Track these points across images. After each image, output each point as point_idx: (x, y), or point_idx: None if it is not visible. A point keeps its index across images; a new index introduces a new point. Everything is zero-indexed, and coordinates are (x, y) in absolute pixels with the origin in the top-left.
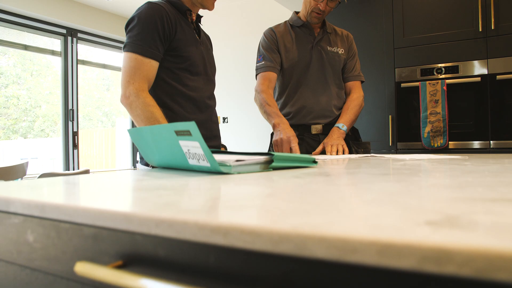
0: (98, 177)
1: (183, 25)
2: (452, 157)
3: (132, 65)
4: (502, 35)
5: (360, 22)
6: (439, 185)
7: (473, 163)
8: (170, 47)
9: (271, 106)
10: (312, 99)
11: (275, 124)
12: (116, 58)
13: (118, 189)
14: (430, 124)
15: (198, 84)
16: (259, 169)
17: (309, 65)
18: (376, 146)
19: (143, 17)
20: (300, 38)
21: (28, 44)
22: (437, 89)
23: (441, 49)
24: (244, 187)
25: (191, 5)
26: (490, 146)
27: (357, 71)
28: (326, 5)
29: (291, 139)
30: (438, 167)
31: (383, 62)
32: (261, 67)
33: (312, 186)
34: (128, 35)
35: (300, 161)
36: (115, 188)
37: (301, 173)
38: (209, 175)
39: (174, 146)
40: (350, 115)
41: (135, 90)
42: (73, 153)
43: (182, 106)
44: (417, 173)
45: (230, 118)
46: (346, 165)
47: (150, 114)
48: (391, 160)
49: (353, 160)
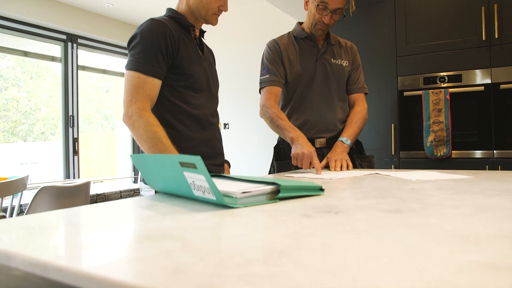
0: (99, 212)
1: (186, 41)
2: (459, 177)
3: (134, 84)
4: (505, 44)
5: (363, 29)
6: (459, 236)
7: (488, 189)
8: (173, 65)
9: (283, 120)
10: (316, 113)
11: (293, 137)
12: (116, 63)
13: (122, 237)
14: (433, 133)
15: (202, 102)
16: (265, 199)
17: (313, 78)
18: (378, 155)
19: (146, 34)
20: (304, 50)
21: (28, 51)
22: (440, 98)
23: (444, 57)
24: (253, 236)
25: (194, 20)
26: (494, 155)
27: (361, 83)
28: (331, 18)
29: (313, 154)
30: (451, 198)
31: (385, 70)
32: (265, 81)
33: (324, 235)
34: (131, 53)
35: (307, 189)
36: (119, 234)
37: (310, 208)
38: (214, 209)
39: (178, 176)
40: (353, 128)
41: (138, 110)
42: (73, 160)
43: (185, 124)
44: (430, 208)
45: (231, 124)
46: (353, 192)
47: (153, 134)
48: (397, 182)
49: (359, 182)
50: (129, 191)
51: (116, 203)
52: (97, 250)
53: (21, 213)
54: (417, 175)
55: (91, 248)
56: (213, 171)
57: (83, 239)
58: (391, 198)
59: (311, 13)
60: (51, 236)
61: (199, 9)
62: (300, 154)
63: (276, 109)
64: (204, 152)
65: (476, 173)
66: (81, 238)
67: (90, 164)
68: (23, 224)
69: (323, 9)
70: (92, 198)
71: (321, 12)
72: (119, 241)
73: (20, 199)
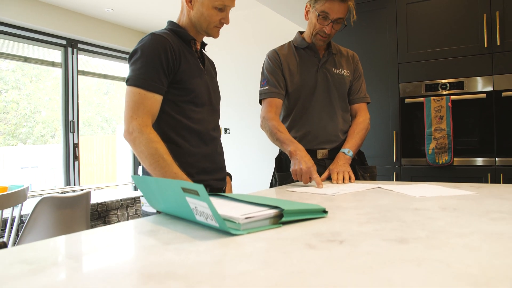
0: (99, 241)
1: (187, 55)
2: (462, 193)
3: (135, 100)
4: (507, 51)
5: (364, 36)
6: (467, 276)
7: (493, 209)
8: (174, 80)
9: (283, 133)
10: (318, 123)
11: (291, 151)
12: (116, 67)
13: (123, 274)
14: (435, 141)
15: (203, 116)
16: (269, 224)
17: (315, 89)
18: (380, 162)
19: (147, 49)
20: (305, 60)
21: (28, 56)
22: (442, 105)
23: (445, 64)
24: (258, 275)
25: (196, 33)
26: (496, 163)
27: (363, 92)
28: (332, 28)
29: (311, 169)
30: (456, 222)
31: (387, 77)
32: (265, 93)
33: (329, 274)
34: (131, 68)
35: (310, 213)
36: (120, 271)
37: (313, 236)
38: (217, 237)
39: (180, 200)
40: (356, 139)
41: (139, 126)
42: (73, 165)
43: (186, 139)
44: (435, 237)
45: (232, 129)
46: (356, 213)
47: (154, 150)
48: (400, 199)
49: (362, 199)
50: (130, 200)
51: (117, 228)
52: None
53: (22, 223)
54: (420, 190)
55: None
56: (214, 186)
57: (82, 279)
58: (395, 222)
59: (311, 23)
60: (46, 277)
61: (200, 22)
62: (298, 170)
63: (276, 122)
64: (205, 167)
65: (479, 187)
66: (80, 278)
67: (91, 168)
68: (16, 258)
69: (324, 19)
70: (93, 207)
71: (322, 22)
72: (120, 281)
73: (20, 209)
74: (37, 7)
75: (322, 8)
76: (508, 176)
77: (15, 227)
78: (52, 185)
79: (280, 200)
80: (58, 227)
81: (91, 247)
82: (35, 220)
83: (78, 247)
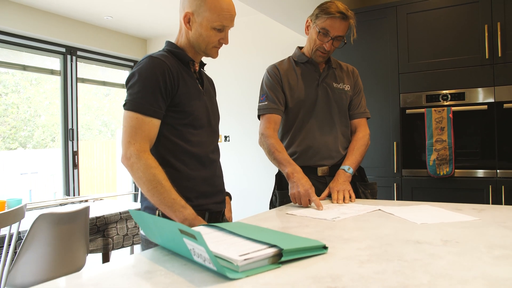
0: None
1: (186, 77)
2: (464, 219)
3: (133, 125)
4: (509, 62)
5: (365, 45)
6: None
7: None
8: (172, 103)
9: (281, 152)
10: (319, 139)
11: (288, 173)
12: (115, 75)
13: None
14: (436, 152)
15: (202, 138)
16: (268, 263)
17: (315, 104)
18: (380, 173)
19: (144, 73)
20: (305, 75)
21: (27, 64)
22: (443, 116)
23: (447, 75)
24: None
25: (194, 54)
26: (497, 175)
27: (363, 107)
28: (331, 44)
29: (309, 192)
30: (459, 262)
31: (387, 87)
32: (264, 108)
33: None
34: (129, 92)
35: (310, 250)
36: None
37: (313, 281)
38: (215, 281)
39: (178, 240)
40: (356, 155)
41: (136, 152)
42: (73, 173)
43: (185, 163)
44: (437, 283)
45: (232, 137)
46: (356, 249)
47: (152, 176)
48: (401, 228)
49: (362, 227)
50: (129, 213)
51: (113, 268)
52: None
53: (20, 240)
54: (421, 215)
55: None
56: (213, 209)
57: None
58: (396, 261)
59: (311, 38)
60: None
61: (199, 43)
62: (296, 193)
63: (274, 140)
64: (204, 191)
65: (481, 209)
66: None
67: (91, 173)
68: None
69: (324, 35)
70: (92, 221)
71: (322, 38)
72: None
73: (18, 226)
74: (36, 15)
75: (323, 25)
76: (509, 188)
77: (13, 244)
78: (51, 191)
79: (278, 234)
80: (56, 243)
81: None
82: (33, 237)
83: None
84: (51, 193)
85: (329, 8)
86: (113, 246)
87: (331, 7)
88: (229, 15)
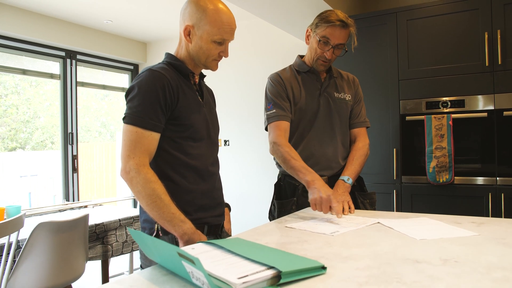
0: None
1: (185, 90)
2: (463, 235)
3: (132, 139)
4: (509, 70)
5: (365, 52)
6: None
7: (495, 263)
8: (172, 116)
9: (297, 160)
10: (319, 149)
11: (309, 181)
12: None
13: None
14: (436, 159)
15: (201, 151)
16: (266, 285)
17: (317, 114)
18: (380, 179)
19: (144, 87)
20: (307, 84)
21: (26, 69)
22: (443, 123)
23: (447, 82)
24: None
25: (194, 66)
26: (497, 182)
27: (363, 117)
28: (332, 53)
29: (331, 198)
30: (458, 285)
31: (387, 94)
32: (273, 116)
33: None
34: (128, 105)
35: (308, 271)
36: None
37: None
38: None
39: (177, 262)
40: (355, 166)
41: (136, 166)
42: (72, 177)
43: (184, 176)
44: None
45: (232, 141)
46: (355, 269)
47: (151, 191)
48: (401, 244)
49: (361, 243)
50: (129, 219)
51: None
52: None
53: (18, 249)
54: (420, 229)
55: None
56: (212, 222)
57: None
58: (395, 283)
59: (312, 47)
60: None
61: (199, 55)
62: (318, 199)
63: (289, 148)
64: (203, 204)
65: (481, 223)
66: None
67: (91, 175)
68: None
69: (324, 44)
70: (91, 228)
71: (322, 47)
72: None
73: (17, 235)
74: (35, 19)
75: (323, 34)
76: (509, 196)
77: (12, 252)
78: (51, 194)
79: (277, 254)
80: (56, 251)
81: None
82: (32, 245)
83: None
84: (50, 196)
85: (328, 16)
86: (112, 253)
87: (331, 15)
88: (229, 29)
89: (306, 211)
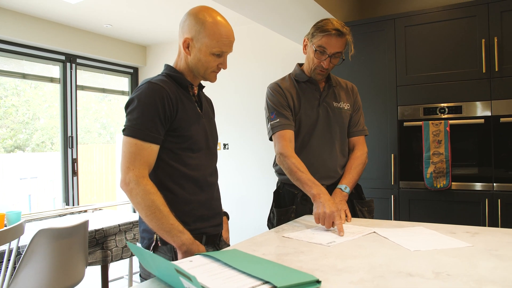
0: None
1: (185, 101)
2: (457, 246)
3: (132, 151)
4: (506, 76)
5: (363, 58)
6: None
7: (487, 276)
8: (171, 128)
9: (304, 172)
10: (318, 159)
11: (315, 194)
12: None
13: None
14: (433, 165)
15: (200, 161)
16: None
17: (316, 124)
18: (378, 185)
19: (143, 99)
20: (306, 94)
21: (26, 73)
22: (440, 129)
23: (444, 88)
24: None
25: (193, 78)
26: (493, 188)
27: (361, 125)
28: (330, 62)
29: (335, 214)
30: None
31: (385, 100)
32: (277, 126)
33: None
34: (128, 118)
35: (303, 286)
36: None
37: None
38: None
39: (174, 277)
40: (353, 174)
41: (135, 177)
42: (72, 181)
43: (183, 187)
44: None
45: (231, 144)
46: (349, 282)
47: (151, 202)
48: (395, 256)
49: (356, 254)
50: (128, 224)
51: None
52: None
53: (19, 255)
54: (415, 239)
55: None
56: (211, 232)
57: None
58: None
59: (309, 57)
60: None
61: (198, 67)
62: (322, 213)
63: (295, 159)
64: (202, 214)
65: (475, 233)
66: None
67: (90, 177)
68: None
69: (321, 53)
70: (91, 234)
71: (319, 56)
72: None
73: (18, 241)
74: (35, 23)
75: (320, 43)
76: (505, 201)
77: (12, 259)
78: (50, 197)
79: (273, 267)
80: (55, 257)
81: None
82: (33, 252)
83: None
84: (50, 198)
85: (324, 26)
86: (112, 258)
87: (326, 24)
88: (228, 41)
89: (305, 218)
